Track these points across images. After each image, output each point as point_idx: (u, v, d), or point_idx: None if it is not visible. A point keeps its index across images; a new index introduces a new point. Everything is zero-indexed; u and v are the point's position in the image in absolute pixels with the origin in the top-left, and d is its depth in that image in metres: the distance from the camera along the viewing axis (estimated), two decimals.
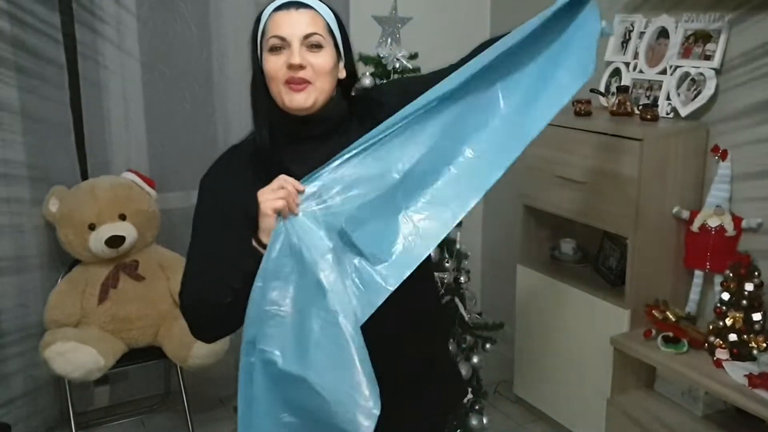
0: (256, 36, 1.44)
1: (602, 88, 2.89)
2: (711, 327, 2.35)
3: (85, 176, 2.82)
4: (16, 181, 2.67)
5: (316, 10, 1.41)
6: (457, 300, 2.55)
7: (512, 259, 3.08)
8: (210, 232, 1.45)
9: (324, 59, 1.39)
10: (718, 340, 2.31)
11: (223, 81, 2.95)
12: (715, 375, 2.24)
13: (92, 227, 2.64)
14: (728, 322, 2.29)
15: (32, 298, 2.74)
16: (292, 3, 1.39)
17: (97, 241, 2.62)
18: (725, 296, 2.32)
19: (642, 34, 2.77)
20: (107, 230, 2.63)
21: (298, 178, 1.35)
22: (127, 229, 2.67)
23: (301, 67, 1.37)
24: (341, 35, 1.46)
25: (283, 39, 1.37)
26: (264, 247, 1.33)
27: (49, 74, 2.69)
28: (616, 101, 2.68)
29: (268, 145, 1.43)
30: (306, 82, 1.38)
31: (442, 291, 2.52)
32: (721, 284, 2.36)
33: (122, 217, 2.68)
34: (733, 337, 2.28)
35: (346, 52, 1.47)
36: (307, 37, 1.38)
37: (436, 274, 2.44)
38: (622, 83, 2.80)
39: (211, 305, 1.38)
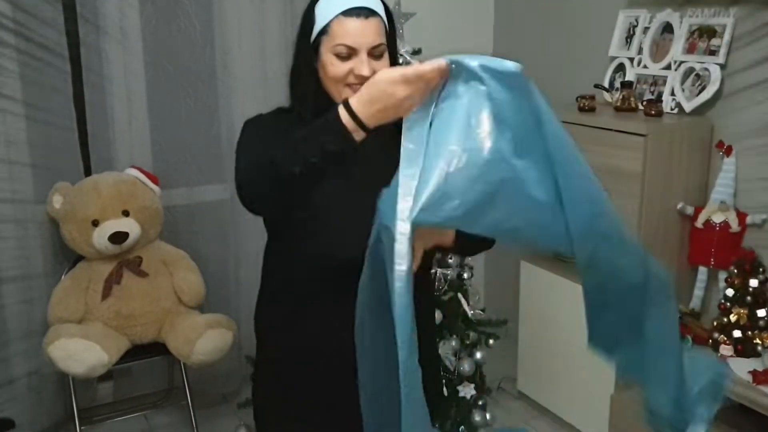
0: (310, 27, 1.43)
1: (606, 84, 2.88)
2: (715, 323, 2.34)
3: (88, 173, 2.83)
4: (20, 177, 2.67)
5: (380, 15, 1.42)
6: (460, 296, 2.55)
7: (516, 255, 3.07)
8: (261, 130, 1.46)
9: (385, 65, 1.42)
10: (722, 336, 2.30)
11: (227, 78, 2.95)
12: None
13: (96, 223, 2.64)
14: (732, 318, 2.28)
15: (36, 295, 2.74)
16: (362, 10, 1.39)
17: (100, 237, 2.62)
18: (729, 292, 2.31)
19: (646, 29, 2.76)
20: (111, 226, 2.63)
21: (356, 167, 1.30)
22: (130, 226, 2.67)
23: (368, 77, 1.34)
24: (390, 31, 1.47)
25: (352, 48, 1.39)
26: (354, 124, 1.21)
27: (52, 72, 2.68)
28: (620, 97, 2.68)
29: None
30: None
31: (446, 287, 2.52)
32: (726, 280, 2.35)
33: (125, 214, 2.68)
34: (737, 333, 2.27)
35: (392, 43, 1.48)
36: (374, 48, 1.40)
37: (439, 270, 2.44)
38: (626, 79, 2.79)
39: (276, 175, 1.27)
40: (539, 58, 3.29)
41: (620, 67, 2.86)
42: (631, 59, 2.81)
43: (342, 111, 1.23)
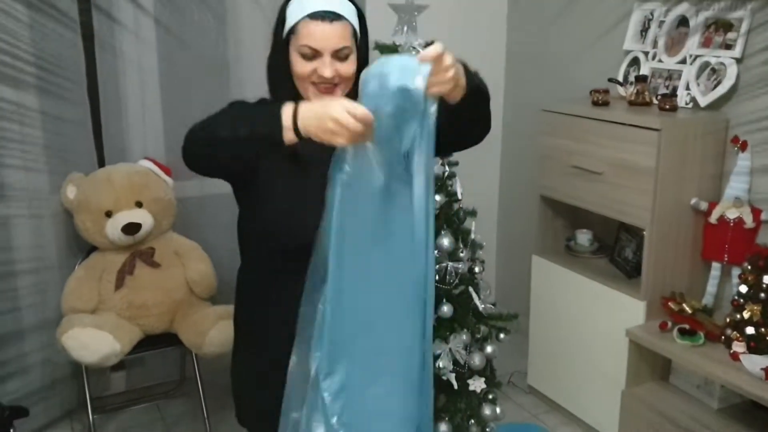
0: (281, 25, 1.50)
1: (620, 78, 2.86)
2: (728, 320, 2.33)
3: (102, 164, 2.84)
4: (35, 168, 2.69)
5: (346, 19, 1.47)
6: (471, 290, 2.54)
7: (528, 250, 3.07)
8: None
9: (350, 66, 1.48)
10: (735, 332, 2.29)
11: (239, 69, 2.95)
12: (732, 368, 2.22)
13: (109, 214, 2.65)
14: (746, 314, 2.27)
15: (50, 285, 2.77)
16: (328, 14, 1.45)
17: (113, 228, 2.64)
18: (743, 289, 2.30)
19: (662, 22, 2.74)
20: (124, 217, 2.65)
21: (311, 164, 1.41)
22: (143, 217, 2.68)
23: (331, 78, 1.46)
24: (361, 33, 1.53)
25: (315, 50, 1.45)
26: (294, 128, 1.29)
27: (66, 63, 2.70)
28: (635, 91, 2.66)
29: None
30: (333, 86, 1.48)
31: (457, 281, 2.51)
32: (739, 277, 2.34)
33: (139, 205, 2.69)
34: (750, 330, 2.26)
35: (363, 46, 1.53)
36: (337, 51, 1.46)
37: (450, 263, 2.44)
38: (641, 73, 2.77)
39: (208, 135, 1.42)
40: (553, 52, 3.27)
41: (635, 61, 2.84)
42: (646, 53, 2.79)
43: (288, 108, 1.31)
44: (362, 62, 1.52)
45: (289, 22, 1.48)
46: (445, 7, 3.00)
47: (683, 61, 2.64)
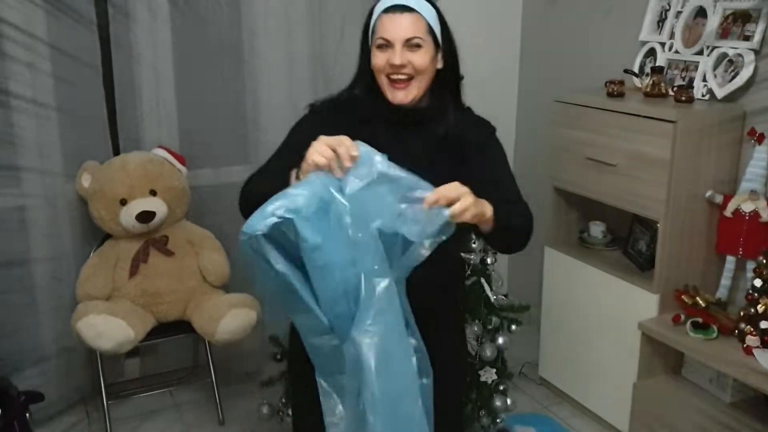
0: (368, 29, 1.65)
1: (636, 69, 2.83)
2: (742, 313, 2.31)
3: (117, 152, 2.86)
4: (50, 157, 2.71)
5: (418, 12, 1.59)
6: (483, 281, 2.55)
7: (540, 241, 3.05)
8: (286, 147, 1.68)
9: (422, 57, 1.60)
10: (748, 327, 2.27)
11: (254, 59, 2.95)
12: (745, 362, 2.21)
13: (123, 202, 2.67)
14: (760, 309, 2.25)
15: (65, 272, 2.79)
16: (398, 7, 1.59)
17: (128, 216, 2.66)
18: (758, 283, 2.28)
19: (679, 13, 2.71)
20: (138, 205, 2.67)
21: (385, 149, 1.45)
22: (157, 205, 2.70)
23: (401, 66, 1.58)
24: (442, 30, 1.64)
25: (387, 41, 1.59)
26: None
27: (81, 53, 2.71)
28: (650, 82, 2.63)
29: (367, 122, 1.62)
30: (407, 80, 1.60)
31: (469, 272, 2.51)
32: (754, 270, 2.32)
33: (153, 193, 2.71)
34: (764, 324, 2.24)
35: (444, 44, 1.65)
36: (408, 40, 1.58)
37: (462, 254, 2.43)
38: (657, 64, 2.74)
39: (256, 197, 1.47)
40: (568, 42, 3.25)
41: (651, 52, 2.81)
42: (663, 44, 2.76)
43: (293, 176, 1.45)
44: (448, 60, 1.65)
45: (371, 23, 1.63)
46: (458, 3, 2.97)
47: (700, 53, 2.61)
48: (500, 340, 2.58)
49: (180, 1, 2.83)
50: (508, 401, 2.58)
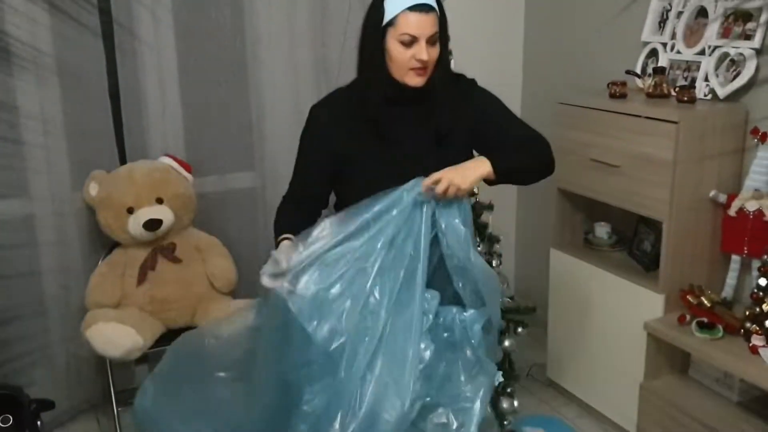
0: (379, 20, 1.79)
1: (638, 70, 2.84)
2: (747, 313, 2.31)
3: (123, 161, 2.88)
4: (58, 166, 2.74)
5: (435, 11, 1.80)
6: None
7: (546, 243, 3.06)
8: (302, 155, 1.97)
9: (437, 51, 1.83)
10: (754, 326, 2.27)
11: (257, 67, 2.97)
12: (751, 361, 2.21)
13: (130, 210, 2.69)
14: (765, 308, 2.26)
15: (74, 280, 2.81)
16: (424, 6, 1.77)
17: (135, 224, 2.68)
18: (762, 281, 2.28)
19: (680, 13, 2.72)
20: (145, 213, 2.69)
21: (384, 134, 1.86)
22: (164, 213, 2.72)
23: (428, 60, 1.80)
24: (441, 22, 1.85)
25: (414, 37, 1.77)
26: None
27: (87, 64, 2.73)
28: (653, 83, 2.64)
29: (376, 105, 1.84)
30: (424, 68, 1.82)
31: None
32: (759, 269, 2.32)
33: (159, 201, 2.73)
34: None
35: (443, 35, 1.86)
36: (431, 36, 1.79)
37: None
38: (659, 64, 2.75)
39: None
40: (571, 44, 3.26)
41: (653, 53, 2.82)
42: (664, 44, 2.77)
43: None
44: (444, 49, 1.85)
45: (388, 16, 1.77)
46: (462, 1, 2.99)
47: (702, 52, 2.62)
48: (507, 343, 2.58)
49: (184, 9, 2.86)
50: (515, 403, 2.59)
